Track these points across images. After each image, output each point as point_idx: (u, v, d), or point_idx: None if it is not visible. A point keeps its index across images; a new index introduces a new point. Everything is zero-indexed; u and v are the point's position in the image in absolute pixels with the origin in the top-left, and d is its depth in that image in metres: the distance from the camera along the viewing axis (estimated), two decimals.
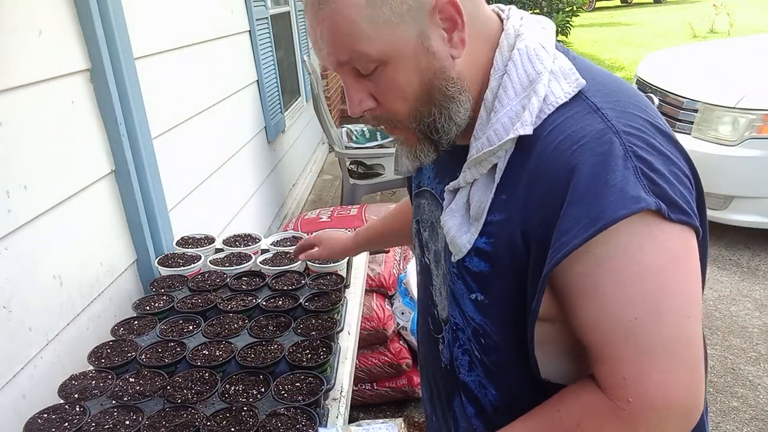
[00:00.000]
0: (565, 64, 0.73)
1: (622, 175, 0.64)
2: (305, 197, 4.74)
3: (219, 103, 2.70)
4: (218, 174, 2.61)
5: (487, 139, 0.73)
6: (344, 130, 4.57)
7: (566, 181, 0.66)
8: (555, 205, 0.67)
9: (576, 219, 0.64)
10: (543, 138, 0.70)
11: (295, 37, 4.80)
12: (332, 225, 2.92)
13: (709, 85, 3.72)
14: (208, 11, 2.66)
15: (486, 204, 0.74)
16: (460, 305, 0.84)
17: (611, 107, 0.69)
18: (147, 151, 1.73)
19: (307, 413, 1.09)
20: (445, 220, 0.80)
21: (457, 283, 0.82)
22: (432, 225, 0.91)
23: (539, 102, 0.70)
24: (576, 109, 0.70)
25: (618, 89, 0.73)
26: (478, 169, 0.76)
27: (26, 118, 1.31)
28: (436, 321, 0.94)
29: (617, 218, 0.63)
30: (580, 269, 0.66)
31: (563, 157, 0.67)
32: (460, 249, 0.77)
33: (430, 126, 0.75)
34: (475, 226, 0.76)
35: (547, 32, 0.77)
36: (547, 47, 0.74)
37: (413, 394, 2.40)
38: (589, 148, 0.66)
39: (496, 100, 0.73)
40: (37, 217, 1.32)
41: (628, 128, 0.67)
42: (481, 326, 0.81)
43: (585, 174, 0.65)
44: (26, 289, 1.28)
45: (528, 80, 0.72)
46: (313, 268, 1.67)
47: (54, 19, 1.42)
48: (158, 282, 1.62)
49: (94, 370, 1.24)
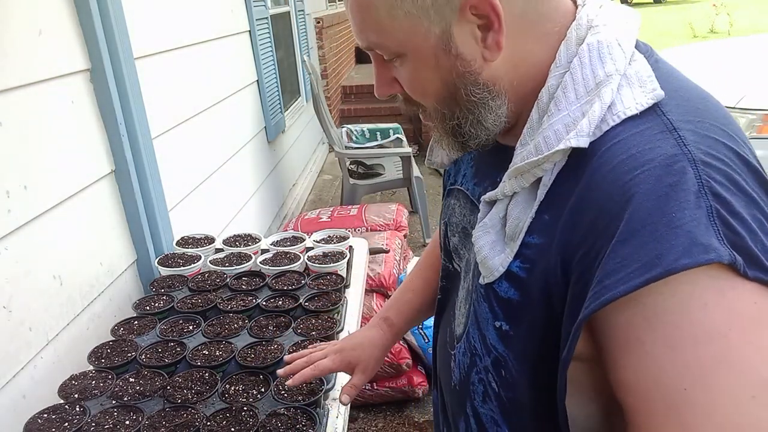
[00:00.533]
0: (644, 69, 0.61)
1: (691, 216, 0.52)
2: (305, 197, 4.74)
3: (219, 103, 2.70)
4: (218, 174, 2.61)
5: (535, 147, 0.62)
6: (344, 130, 4.57)
7: (620, 212, 0.54)
8: (603, 239, 0.55)
9: (626, 260, 0.53)
10: (601, 154, 0.58)
11: (295, 37, 4.80)
12: (332, 225, 2.92)
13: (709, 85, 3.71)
14: (208, 11, 2.66)
15: (525, 223, 0.64)
16: (481, 330, 0.73)
17: (691, 129, 0.57)
18: (147, 151, 1.73)
19: (307, 413, 1.09)
20: (478, 236, 0.70)
21: (482, 305, 0.72)
22: (464, 230, 0.81)
23: (602, 110, 0.58)
24: (647, 125, 0.58)
25: (704, 107, 0.60)
26: (519, 181, 0.65)
27: (26, 118, 1.31)
28: (453, 335, 0.84)
29: (678, 268, 0.51)
30: (624, 319, 0.55)
31: (621, 181, 0.55)
32: (492, 271, 0.67)
33: (454, 129, 0.68)
34: (510, 247, 0.65)
35: (630, 26, 0.64)
36: (625, 45, 0.62)
37: (413, 394, 2.40)
38: (655, 175, 0.54)
39: (552, 102, 0.62)
40: (37, 217, 1.32)
41: (708, 157, 0.55)
42: (504, 357, 0.70)
43: (645, 207, 0.53)
44: (26, 289, 1.28)
45: (594, 82, 0.60)
46: (313, 268, 1.67)
47: (54, 19, 1.42)
48: (158, 282, 1.62)
49: (94, 370, 1.24)
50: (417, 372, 2.42)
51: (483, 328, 0.73)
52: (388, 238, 2.81)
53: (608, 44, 0.61)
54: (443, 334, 0.90)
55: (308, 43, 5.36)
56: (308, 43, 5.36)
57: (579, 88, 0.61)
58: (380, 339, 1.05)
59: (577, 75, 0.61)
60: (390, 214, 3.15)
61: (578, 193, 0.59)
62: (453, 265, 0.87)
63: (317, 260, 1.70)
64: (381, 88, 0.71)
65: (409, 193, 4.21)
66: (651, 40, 11.45)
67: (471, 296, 0.77)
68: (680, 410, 0.53)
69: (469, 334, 0.77)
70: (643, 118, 0.58)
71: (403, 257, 2.82)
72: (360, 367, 1.02)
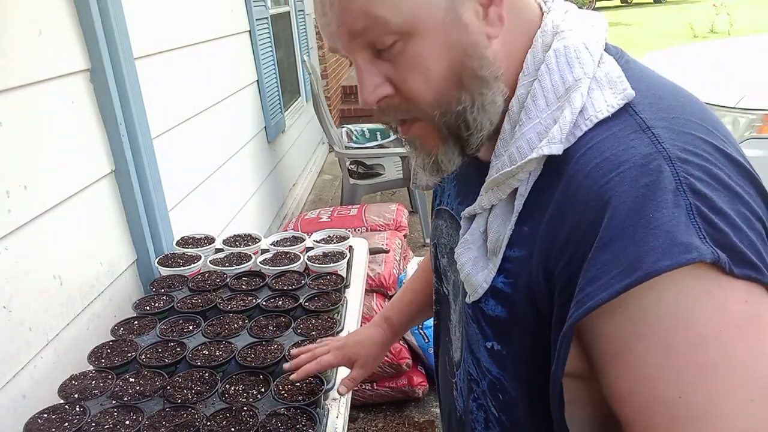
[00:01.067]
0: (613, 70, 0.59)
1: (670, 215, 0.50)
2: (305, 197, 4.74)
3: (219, 103, 2.70)
4: (218, 174, 2.61)
5: (509, 157, 0.61)
6: (344, 130, 4.57)
7: (598, 217, 0.53)
8: (583, 245, 0.54)
9: (605, 266, 0.51)
10: (576, 160, 0.57)
11: (295, 37, 4.80)
12: (332, 225, 2.92)
13: (709, 85, 3.72)
14: (208, 11, 2.66)
15: (505, 236, 0.62)
16: (474, 353, 0.71)
17: (665, 126, 0.55)
18: (147, 151, 1.73)
19: (307, 413, 1.09)
20: (460, 252, 0.68)
21: (472, 326, 0.70)
22: (451, 251, 0.78)
23: (573, 115, 0.57)
24: (620, 126, 0.56)
25: (679, 104, 0.58)
26: (496, 194, 0.63)
27: (26, 118, 1.31)
28: (452, 362, 0.82)
29: (658, 270, 0.49)
30: (611, 327, 0.53)
31: (597, 185, 0.54)
32: (476, 289, 0.65)
33: (459, 117, 0.62)
34: (493, 262, 0.64)
35: (596, 30, 0.63)
36: (592, 48, 0.60)
37: (413, 394, 2.40)
38: (630, 176, 0.52)
39: (522, 111, 0.61)
40: (37, 217, 1.32)
41: (684, 153, 0.53)
42: (498, 380, 0.68)
43: (622, 210, 0.52)
44: (26, 289, 1.28)
45: (564, 88, 0.59)
46: (313, 268, 1.67)
47: (54, 19, 1.42)
48: (158, 282, 1.62)
49: (94, 370, 1.24)
50: (417, 372, 2.42)
51: (476, 350, 0.70)
52: (388, 238, 2.81)
53: (575, 48, 0.60)
54: (443, 362, 0.87)
55: (308, 43, 5.36)
56: (308, 43, 5.36)
57: (548, 95, 0.60)
58: (381, 337, 1.07)
59: (545, 82, 0.60)
60: (390, 214, 3.15)
61: (555, 202, 0.58)
62: (443, 287, 0.85)
63: (317, 260, 1.70)
64: (373, 92, 0.62)
65: (409, 193, 4.21)
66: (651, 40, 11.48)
67: (461, 318, 0.74)
68: (679, 420, 0.51)
69: (465, 359, 0.75)
70: (615, 119, 0.57)
71: (403, 257, 2.82)
72: (359, 363, 1.05)
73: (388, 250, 2.67)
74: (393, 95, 0.62)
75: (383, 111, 0.64)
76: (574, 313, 0.53)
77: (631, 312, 0.52)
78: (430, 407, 2.43)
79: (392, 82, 0.62)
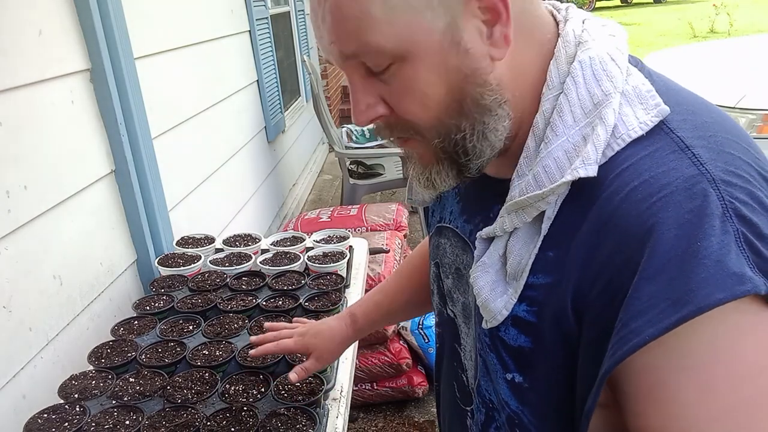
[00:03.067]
0: (642, 84, 0.56)
1: (719, 243, 0.47)
2: (305, 197, 4.74)
3: (219, 103, 2.70)
4: (218, 174, 2.61)
5: (534, 177, 0.56)
6: (344, 130, 4.57)
7: (640, 245, 0.49)
8: (623, 275, 0.50)
9: (652, 299, 0.48)
10: (609, 182, 0.53)
11: (295, 37, 4.81)
12: (332, 225, 2.91)
13: (709, 85, 3.72)
14: (208, 11, 2.66)
15: (528, 261, 0.58)
16: (493, 382, 0.67)
17: (704, 145, 0.52)
18: (147, 151, 1.73)
19: (307, 413, 1.09)
20: (477, 276, 0.62)
21: (490, 356, 0.66)
22: (458, 271, 0.74)
23: (607, 133, 0.53)
24: (657, 146, 0.53)
25: (712, 120, 0.55)
26: (520, 216, 0.58)
27: (26, 118, 1.31)
28: (465, 390, 0.77)
29: (711, 304, 0.46)
30: (648, 362, 0.50)
31: (637, 210, 0.50)
32: (494, 315, 0.61)
33: (457, 144, 0.58)
34: (513, 287, 0.59)
35: (618, 40, 0.59)
36: (618, 60, 0.57)
37: (413, 394, 2.40)
38: (675, 201, 0.49)
39: (548, 128, 0.57)
40: (37, 217, 1.32)
41: (728, 176, 0.50)
42: (517, 414, 0.64)
43: (668, 238, 0.48)
44: (26, 289, 1.28)
45: (592, 103, 0.55)
46: (313, 268, 1.67)
47: (54, 19, 1.42)
48: (158, 282, 1.62)
49: (94, 370, 1.24)
50: (417, 372, 2.42)
51: (494, 380, 0.66)
52: (388, 238, 2.81)
53: (601, 60, 0.56)
54: (448, 388, 0.83)
55: (308, 43, 5.36)
56: (308, 43, 5.36)
57: (576, 110, 0.56)
58: (340, 334, 1.05)
59: (572, 96, 0.56)
60: (390, 214, 3.15)
61: (588, 227, 0.54)
62: (446, 310, 0.80)
63: (317, 260, 1.70)
64: (366, 112, 0.59)
65: None
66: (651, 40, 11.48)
67: (477, 345, 0.70)
68: None
69: (481, 386, 0.71)
70: (649, 138, 0.53)
71: (403, 257, 2.82)
72: (315, 354, 1.04)
73: (388, 250, 2.67)
74: (388, 115, 0.59)
75: (379, 129, 0.62)
76: (618, 350, 0.50)
77: (670, 348, 0.49)
78: (430, 407, 2.43)
79: (387, 102, 0.58)
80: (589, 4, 18.54)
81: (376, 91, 0.58)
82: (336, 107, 6.24)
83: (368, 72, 0.57)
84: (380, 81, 0.57)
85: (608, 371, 0.51)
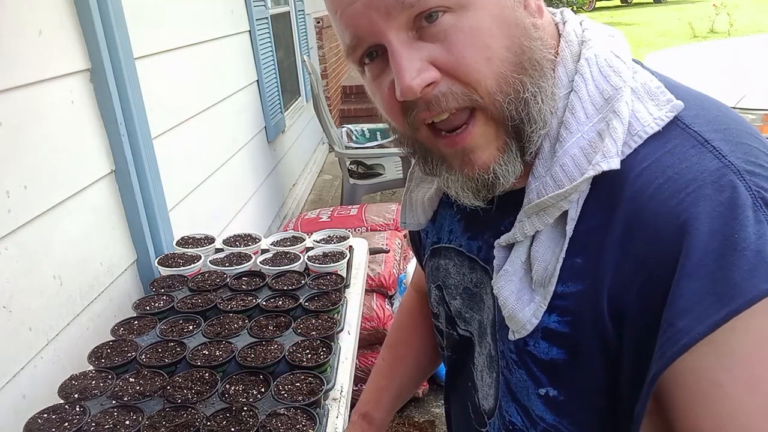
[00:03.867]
0: (650, 81, 0.56)
1: (756, 233, 0.47)
2: (305, 197, 4.74)
3: (219, 103, 2.70)
4: (218, 174, 2.61)
5: (552, 177, 0.55)
6: (344, 130, 4.57)
7: (676, 242, 0.49)
8: (661, 274, 0.50)
9: (696, 296, 0.47)
10: (632, 180, 0.53)
11: (295, 37, 4.80)
12: (332, 225, 2.91)
13: (709, 85, 3.72)
14: (208, 11, 2.66)
15: (556, 266, 0.56)
16: (520, 401, 0.65)
17: (722, 138, 0.52)
18: (147, 151, 1.73)
19: (307, 413, 1.09)
20: (501, 285, 0.60)
21: (517, 373, 0.63)
22: (467, 291, 0.72)
23: (623, 126, 0.53)
24: (675, 142, 0.52)
25: (722, 113, 0.55)
26: (542, 218, 0.57)
27: (26, 118, 1.31)
28: (479, 411, 0.75)
29: (761, 295, 0.45)
30: (694, 361, 0.49)
31: (667, 207, 0.50)
32: (523, 325, 0.58)
33: (526, 105, 0.54)
34: (540, 294, 0.57)
35: (618, 40, 0.59)
36: (623, 57, 0.57)
37: (413, 394, 2.40)
38: (705, 195, 0.49)
39: (561, 127, 0.56)
40: (37, 217, 1.32)
41: (750, 166, 0.50)
42: (554, 427, 0.62)
43: (703, 232, 0.48)
44: (26, 289, 1.28)
45: (603, 98, 0.55)
46: (313, 268, 1.67)
47: (54, 19, 1.42)
48: (158, 282, 1.62)
49: (94, 370, 1.24)
50: None
51: (522, 398, 0.64)
52: (388, 238, 2.81)
53: (605, 57, 0.56)
54: (461, 409, 0.80)
55: (308, 43, 5.36)
56: (308, 43, 5.36)
57: (587, 106, 0.55)
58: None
59: (582, 92, 0.55)
60: (390, 214, 3.15)
61: (618, 229, 0.53)
62: (458, 331, 0.76)
63: (317, 260, 1.70)
64: (418, 77, 0.52)
65: None
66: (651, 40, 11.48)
67: (496, 364, 0.67)
68: None
69: (502, 408, 0.68)
70: (666, 134, 0.53)
71: (403, 257, 2.82)
72: None
73: (388, 250, 2.67)
74: (440, 80, 0.53)
75: (428, 104, 0.54)
76: (668, 350, 0.49)
77: (717, 343, 0.48)
78: (430, 407, 2.43)
79: (439, 65, 0.53)
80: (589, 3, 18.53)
81: (423, 56, 0.52)
82: (336, 107, 6.24)
83: (413, 35, 0.52)
84: (428, 42, 0.52)
85: (658, 373, 0.50)
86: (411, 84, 0.51)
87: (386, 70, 0.55)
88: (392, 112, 0.58)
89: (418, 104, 0.54)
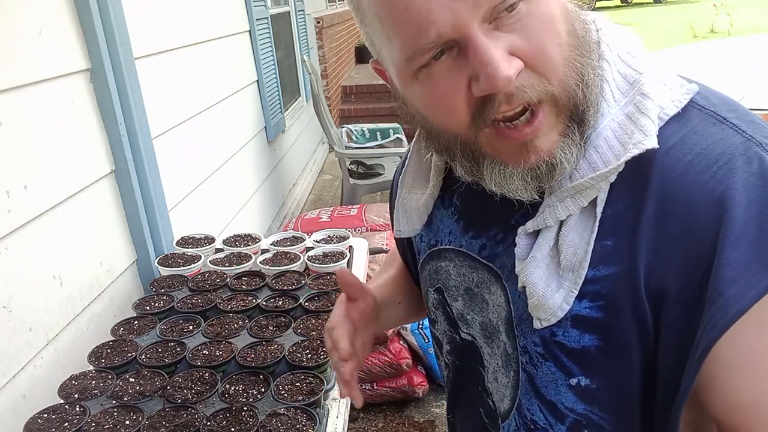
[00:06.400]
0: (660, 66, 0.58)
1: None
2: (305, 197, 4.74)
3: (219, 103, 2.70)
4: (218, 174, 2.61)
5: (587, 160, 0.55)
6: (344, 130, 4.57)
7: (715, 213, 0.50)
8: (703, 247, 0.50)
9: (742, 264, 0.48)
10: (660, 160, 0.54)
11: (295, 37, 4.80)
12: (332, 225, 2.92)
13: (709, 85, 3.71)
14: (207, 11, 2.66)
15: (587, 249, 0.55)
16: (545, 396, 0.63)
17: (736, 116, 0.54)
18: (147, 151, 1.73)
19: (307, 413, 1.09)
20: (529, 272, 0.58)
21: (544, 366, 0.62)
22: (469, 291, 0.71)
23: (655, 105, 0.54)
24: (695, 121, 0.55)
25: (725, 98, 0.58)
26: (577, 202, 0.56)
27: (26, 118, 1.31)
28: (493, 414, 0.73)
29: None
30: (733, 333, 0.49)
31: (701, 182, 0.51)
32: (554, 312, 0.57)
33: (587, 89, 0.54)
34: (570, 279, 0.57)
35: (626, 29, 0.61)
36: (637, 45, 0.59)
37: (413, 394, 2.40)
38: (736, 167, 0.51)
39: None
40: (37, 217, 1.32)
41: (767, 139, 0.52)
42: (584, 416, 0.61)
43: (741, 202, 0.49)
44: (26, 289, 1.28)
45: (627, 83, 0.56)
46: (313, 268, 1.67)
47: (54, 19, 1.42)
48: (158, 282, 1.62)
49: (94, 370, 1.24)
50: (417, 372, 2.42)
51: (549, 393, 0.63)
52: (388, 238, 2.81)
53: (623, 43, 0.58)
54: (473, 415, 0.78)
55: (308, 43, 5.36)
56: (308, 43, 5.36)
57: (614, 90, 0.56)
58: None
59: (608, 76, 0.56)
60: None
61: (648, 207, 0.53)
62: (460, 335, 0.75)
63: (317, 260, 1.70)
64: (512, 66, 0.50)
65: None
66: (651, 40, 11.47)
67: (514, 361, 0.66)
68: None
69: (522, 406, 0.67)
70: (684, 116, 0.55)
71: None
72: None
73: (388, 250, 2.67)
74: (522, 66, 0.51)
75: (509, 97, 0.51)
76: (720, 319, 0.49)
77: (757, 315, 0.49)
78: (430, 407, 2.43)
79: (520, 54, 0.51)
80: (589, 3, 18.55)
81: (504, 46, 0.50)
82: (336, 107, 6.24)
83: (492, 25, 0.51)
84: (504, 32, 0.51)
85: (710, 345, 0.50)
86: (507, 73, 0.49)
87: (454, 68, 0.52)
88: (457, 113, 0.54)
89: (496, 98, 0.51)
